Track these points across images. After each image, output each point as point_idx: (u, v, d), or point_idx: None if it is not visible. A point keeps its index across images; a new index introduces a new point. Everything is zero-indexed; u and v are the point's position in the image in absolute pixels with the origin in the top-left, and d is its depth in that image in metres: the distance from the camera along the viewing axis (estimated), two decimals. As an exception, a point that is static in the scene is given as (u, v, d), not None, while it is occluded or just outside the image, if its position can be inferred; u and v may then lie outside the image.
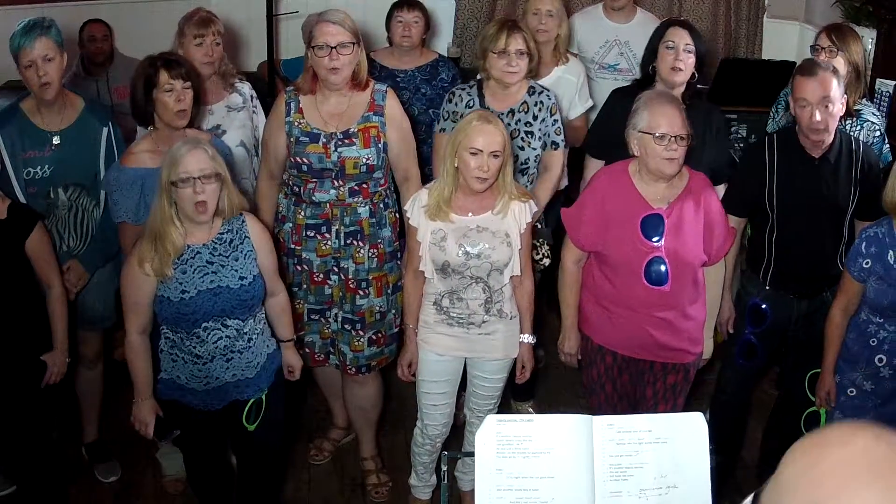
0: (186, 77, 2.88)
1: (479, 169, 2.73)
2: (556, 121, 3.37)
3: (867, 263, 2.76)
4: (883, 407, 2.85)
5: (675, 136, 2.69)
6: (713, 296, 2.96)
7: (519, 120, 3.31)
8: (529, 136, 3.32)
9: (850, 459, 0.96)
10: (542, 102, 3.34)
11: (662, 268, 2.75)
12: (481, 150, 2.72)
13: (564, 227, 2.95)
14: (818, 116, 2.85)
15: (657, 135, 2.69)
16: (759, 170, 3.04)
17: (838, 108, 2.89)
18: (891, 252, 2.71)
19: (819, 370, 2.98)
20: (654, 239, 2.75)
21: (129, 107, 3.03)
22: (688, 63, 3.20)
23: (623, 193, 2.81)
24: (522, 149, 3.33)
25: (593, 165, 3.45)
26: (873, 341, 2.81)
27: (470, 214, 2.84)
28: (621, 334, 2.88)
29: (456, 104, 3.37)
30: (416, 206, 2.87)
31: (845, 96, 2.97)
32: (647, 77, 3.30)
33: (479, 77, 3.44)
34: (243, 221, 2.70)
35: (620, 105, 3.32)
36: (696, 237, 2.80)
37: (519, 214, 2.86)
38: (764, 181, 3.02)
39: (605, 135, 3.36)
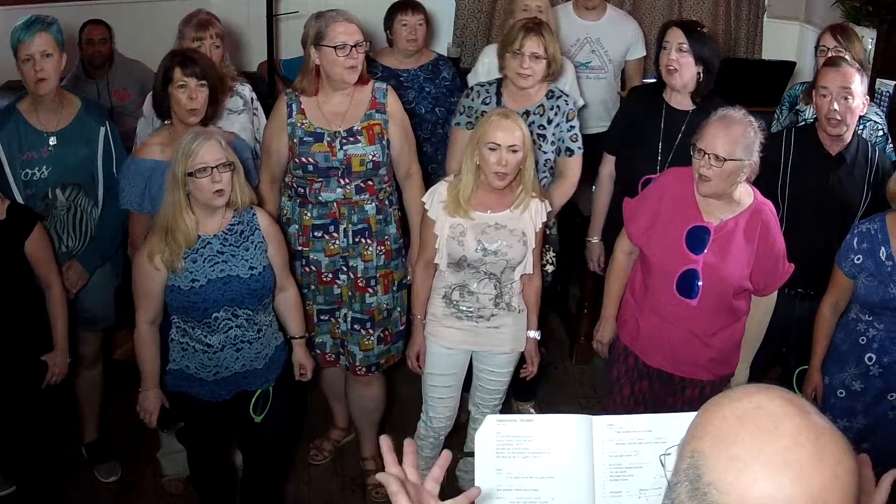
0: (202, 76, 2.88)
1: (497, 164, 2.75)
2: (572, 127, 3.29)
3: (859, 259, 2.77)
4: (873, 407, 2.86)
5: (709, 154, 2.59)
6: (756, 328, 2.87)
7: (532, 122, 3.27)
8: (541, 139, 3.28)
9: (732, 415, 0.98)
10: (559, 107, 3.28)
11: (695, 281, 2.71)
12: (499, 145, 2.74)
13: (623, 216, 2.93)
14: (836, 106, 2.88)
15: (697, 147, 2.64)
16: (774, 160, 3.03)
17: (858, 104, 2.92)
18: (883, 249, 2.72)
19: (807, 367, 2.98)
20: (696, 251, 2.70)
21: (131, 107, 3.04)
22: (682, 62, 3.12)
23: (681, 197, 2.75)
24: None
25: (607, 160, 3.46)
26: (863, 339, 2.82)
27: (489, 211, 2.85)
28: (644, 339, 2.87)
29: (473, 99, 3.35)
30: (436, 199, 2.89)
31: (867, 97, 2.99)
32: (661, 78, 3.28)
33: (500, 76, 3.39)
34: (254, 214, 2.74)
35: (635, 104, 3.36)
36: (741, 261, 2.71)
37: (535, 213, 2.88)
38: (778, 172, 3.03)
39: (619, 132, 3.39)
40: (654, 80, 3.48)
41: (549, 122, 3.29)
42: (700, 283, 2.70)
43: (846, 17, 4.45)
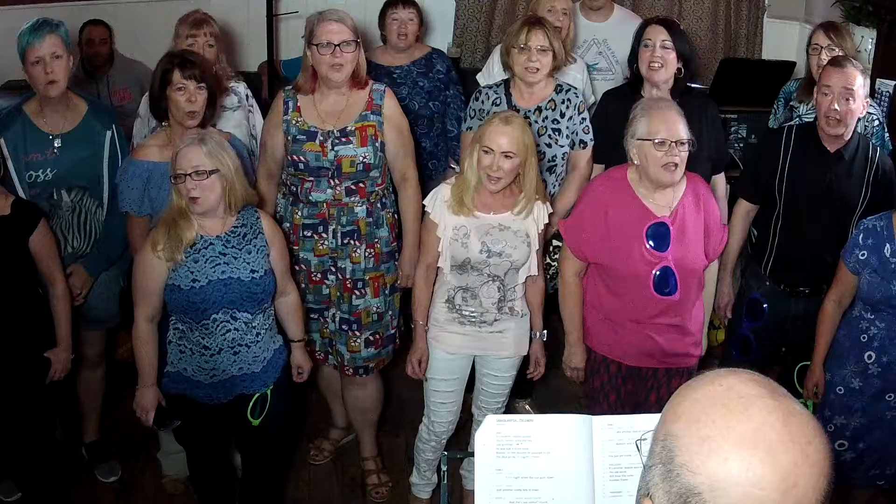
0: (200, 78, 2.88)
1: (489, 168, 2.75)
2: (584, 119, 3.34)
3: (863, 255, 2.77)
4: (871, 406, 2.86)
5: (675, 142, 2.65)
6: (708, 292, 2.97)
7: (546, 117, 3.30)
8: (557, 133, 3.31)
9: (704, 397, 1.01)
10: (569, 100, 3.32)
11: (671, 277, 2.73)
12: (493, 150, 2.74)
13: (563, 238, 2.92)
14: (837, 106, 2.90)
15: (657, 140, 2.66)
16: (773, 156, 3.06)
17: (858, 105, 2.94)
18: (888, 245, 2.73)
19: (809, 363, 2.99)
20: (661, 248, 2.72)
21: (131, 107, 3.04)
22: (666, 59, 3.17)
23: (625, 202, 2.77)
24: (550, 146, 3.32)
25: (595, 170, 3.42)
26: (864, 337, 2.83)
27: (492, 213, 2.85)
28: (626, 345, 2.87)
29: (483, 102, 3.36)
30: (438, 200, 2.88)
31: (868, 100, 3.01)
32: (638, 78, 3.29)
33: (506, 75, 3.40)
34: (258, 218, 2.75)
35: (613, 107, 3.31)
36: (699, 242, 2.79)
37: (538, 215, 2.87)
38: (777, 168, 3.04)
39: (602, 138, 3.35)
40: (625, 82, 3.46)
41: (563, 115, 3.31)
42: (676, 278, 2.73)
43: (846, 18, 4.44)
